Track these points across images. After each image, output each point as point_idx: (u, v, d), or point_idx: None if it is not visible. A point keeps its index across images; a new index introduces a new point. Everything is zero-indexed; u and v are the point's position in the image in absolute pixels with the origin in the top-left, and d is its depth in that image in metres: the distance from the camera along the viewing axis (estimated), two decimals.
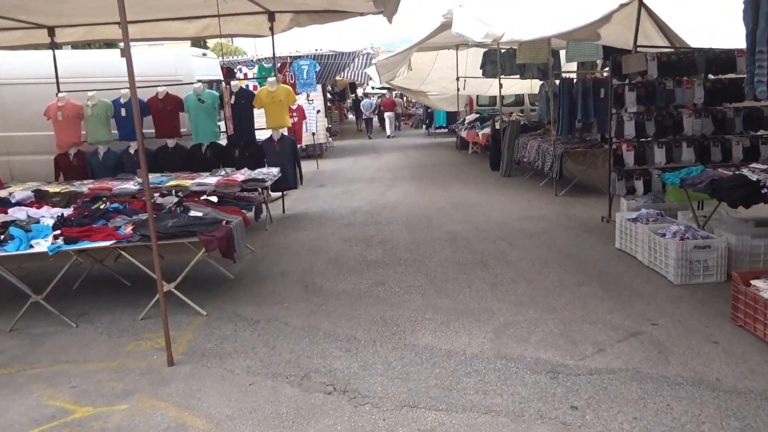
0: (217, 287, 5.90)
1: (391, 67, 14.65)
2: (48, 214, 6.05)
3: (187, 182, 8.06)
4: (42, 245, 5.01)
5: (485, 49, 17.12)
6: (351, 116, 39.85)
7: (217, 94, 9.09)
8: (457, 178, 12.40)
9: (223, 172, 8.68)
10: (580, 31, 7.90)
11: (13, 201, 6.61)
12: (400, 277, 5.97)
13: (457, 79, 17.66)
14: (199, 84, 9.06)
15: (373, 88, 39.05)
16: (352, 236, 7.79)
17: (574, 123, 9.83)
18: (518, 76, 16.85)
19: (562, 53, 13.47)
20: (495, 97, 21.74)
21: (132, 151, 9.36)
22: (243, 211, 6.19)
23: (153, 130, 9.38)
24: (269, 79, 9.27)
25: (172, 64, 9.82)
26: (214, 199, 6.68)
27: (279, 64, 12.57)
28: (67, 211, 6.30)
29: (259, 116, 9.47)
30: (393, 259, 6.65)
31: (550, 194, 9.94)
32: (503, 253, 6.66)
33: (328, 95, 26.98)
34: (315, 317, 5.02)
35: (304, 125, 13.62)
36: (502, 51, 17.06)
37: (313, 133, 15.21)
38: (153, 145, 9.50)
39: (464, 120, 18.38)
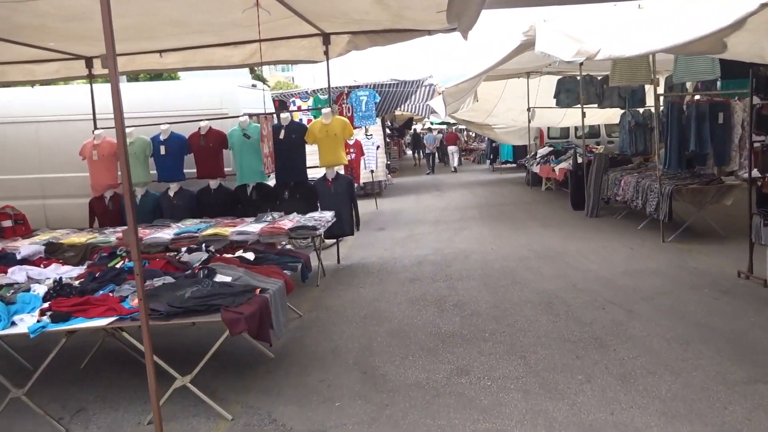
0: (250, 371, 4.61)
1: (459, 95, 13.39)
2: (54, 275, 4.97)
3: (227, 230, 6.94)
4: (26, 322, 3.87)
5: (559, 77, 15.69)
6: (408, 152, 38.82)
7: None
8: (535, 219, 10.85)
9: (269, 218, 7.53)
10: (701, 42, 6.33)
11: (18, 257, 5.60)
12: (489, 362, 4.50)
13: (528, 109, 16.20)
14: (245, 117, 8.01)
15: (432, 123, 38.01)
16: (419, 296, 6.40)
17: (683, 155, 8.17)
18: (596, 105, 15.34)
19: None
20: (568, 128, 20.16)
21: (172, 193, 8.37)
22: (286, 271, 4.92)
23: (195, 170, 8.39)
24: (324, 110, 8.13)
25: (218, 96, 8.87)
26: (251, 256, 5.44)
27: (335, 95, 11.56)
28: (79, 270, 5.23)
29: (313, 153, 8.33)
30: (475, 331, 5.19)
31: (655, 239, 8.26)
32: (621, 326, 5.09)
33: (387, 130, 26.04)
34: (378, 427, 3.62)
35: (362, 162, 12.47)
36: (578, 78, 15.61)
37: (372, 171, 14.05)
38: (195, 186, 8.51)
39: (536, 154, 16.82)
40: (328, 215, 7.53)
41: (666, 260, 7.19)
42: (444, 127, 40.31)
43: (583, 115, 12.17)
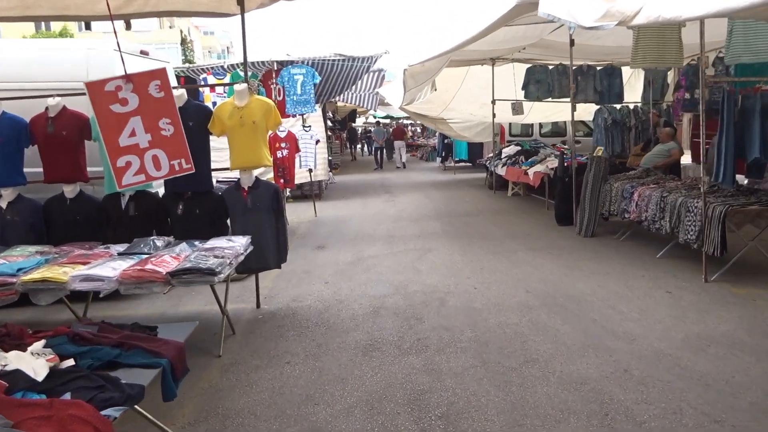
0: None
1: (422, 78, 10.96)
2: None
3: (69, 271, 4.30)
4: None
5: (528, 66, 13.55)
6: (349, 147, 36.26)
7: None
8: (515, 238, 8.57)
9: (149, 246, 4.92)
10: None
11: None
12: None
13: (493, 102, 13.98)
14: None
15: (375, 116, 35.52)
16: (381, 391, 3.90)
17: (733, 165, 6.01)
18: (568, 99, 13.38)
19: None
20: (531, 125, 18.13)
21: (4, 204, 5.56)
22: (106, 397, 2.32)
23: (41, 170, 5.61)
24: (237, 87, 5.50)
25: (82, 63, 6.08)
26: (48, 360, 2.76)
27: (262, 73, 8.87)
28: None
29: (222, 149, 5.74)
30: None
31: (694, 277, 6.09)
32: None
33: (329, 122, 23.39)
34: None
35: (297, 161, 9.86)
36: (550, 68, 13.52)
37: (311, 170, 11.46)
38: (42, 193, 5.75)
39: (500, 153, 14.64)
40: (240, 243, 4.97)
41: (735, 318, 4.98)
42: (387, 120, 37.98)
43: (573, 108, 10.00)
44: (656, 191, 6.92)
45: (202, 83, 9.37)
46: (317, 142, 11.52)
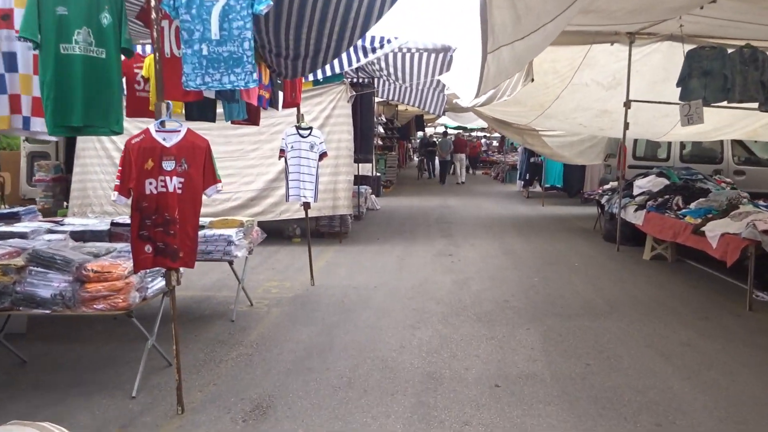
0: None
1: (512, 64, 5.81)
2: None
3: None
4: None
5: (691, 47, 8.17)
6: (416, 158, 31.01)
7: None
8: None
9: None
10: None
11: None
12: None
13: (627, 103, 8.57)
14: None
15: (447, 126, 30.34)
16: None
17: None
18: (756, 105, 8.15)
19: None
20: (669, 144, 12.34)
21: None
22: None
23: None
24: None
25: None
26: None
27: None
28: None
29: None
30: None
31: None
32: None
33: (380, 128, 18.45)
34: None
35: (291, 184, 4.87)
36: (730, 52, 8.10)
37: (306, 204, 6.58)
38: None
39: (628, 185, 9.18)
40: None
41: None
42: (458, 132, 32.69)
43: None
44: None
45: None
46: (321, 156, 6.59)
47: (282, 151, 6.52)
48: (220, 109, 5.40)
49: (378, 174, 16.44)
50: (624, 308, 5.74)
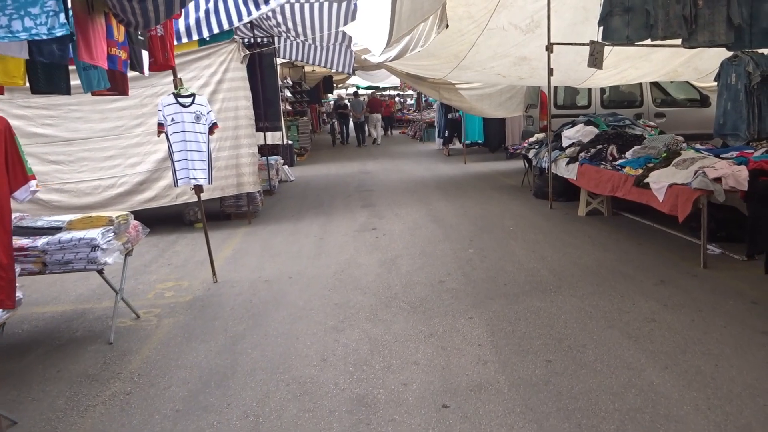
0: None
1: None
2: None
3: None
4: None
5: None
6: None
7: None
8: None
9: None
10: None
11: None
12: None
13: (549, 47, 7.87)
14: None
15: (358, 87, 29.14)
16: None
17: None
18: (679, 41, 7.70)
19: None
20: (589, 90, 11.90)
21: None
22: None
23: None
24: None
25: None
26: None
27: None
28: None
29: None
30: None
31: None
32: None
33: (288, 92, 17.15)
34: None
35: (176, 165, 3.84)
36: None
37: (198, 187, 5.46)
38: None
39: (557, 136, 8.58)
40: None
41: None
42: (370, 92, 31.60)
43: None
44: None
45: None
46: (212, 128, 5.46)
47: (160, 125, 5.34)
48: (76, 81, 4.16)
49: (290, 142, 15.22)
50: (573, 279, 5.09)
